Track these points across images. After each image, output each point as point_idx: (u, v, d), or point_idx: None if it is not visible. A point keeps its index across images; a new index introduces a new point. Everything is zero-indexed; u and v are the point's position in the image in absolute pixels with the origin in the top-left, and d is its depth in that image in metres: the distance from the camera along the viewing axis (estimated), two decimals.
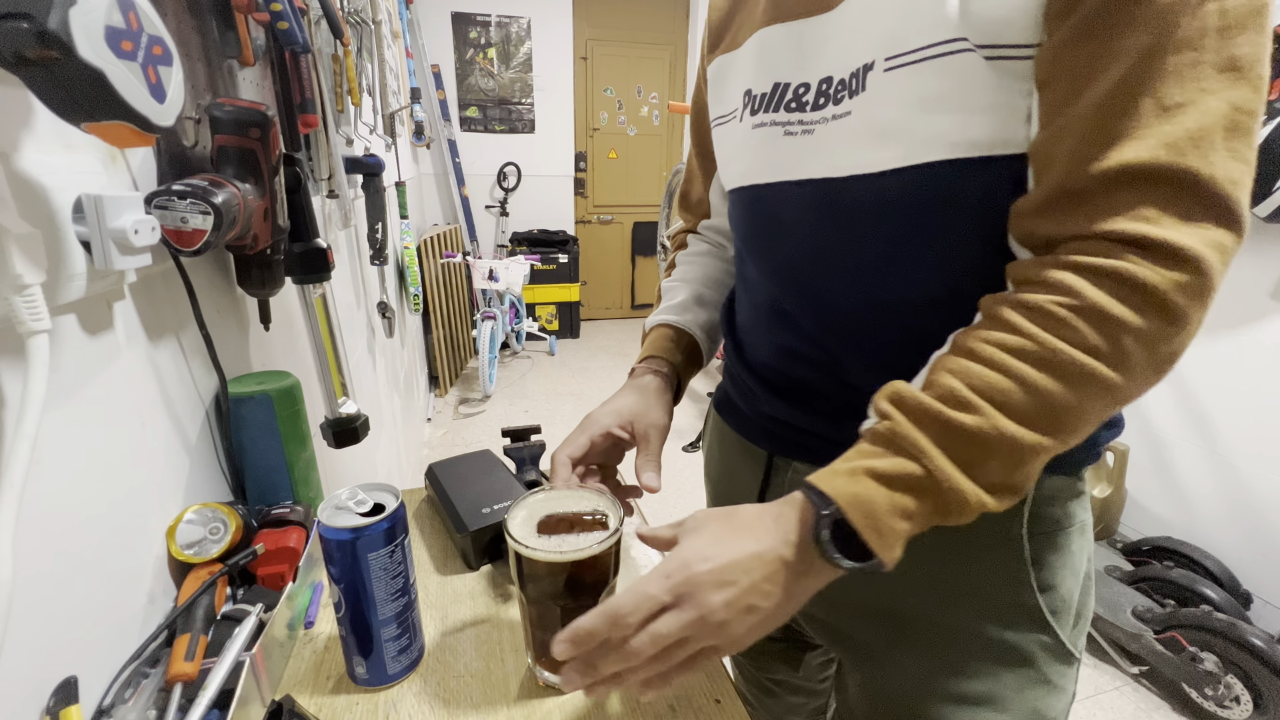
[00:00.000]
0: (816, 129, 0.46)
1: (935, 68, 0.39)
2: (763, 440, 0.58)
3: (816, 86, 0.46)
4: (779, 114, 0.48)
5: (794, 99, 0.47)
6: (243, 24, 0.72)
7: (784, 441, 0.55)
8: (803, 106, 0.47)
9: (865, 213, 0.44)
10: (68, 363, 0.40)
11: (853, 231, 0.45)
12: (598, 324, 4.73)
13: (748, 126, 0.51)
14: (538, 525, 0.46)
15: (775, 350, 0.54)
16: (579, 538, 0.44)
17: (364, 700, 0.47)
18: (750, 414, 0.59)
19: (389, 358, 1.88)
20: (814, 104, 0.46)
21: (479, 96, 4.07)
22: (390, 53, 2.20)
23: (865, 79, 0.42)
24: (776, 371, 0.54)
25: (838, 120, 0.44)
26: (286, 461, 0.62)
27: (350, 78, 1.31)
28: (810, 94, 0.46)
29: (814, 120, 0.46)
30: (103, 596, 0.42)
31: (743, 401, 0.60)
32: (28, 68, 0.30)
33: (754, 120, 0.50)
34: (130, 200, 0.43)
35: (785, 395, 0.54)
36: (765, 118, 0.49)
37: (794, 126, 0.47)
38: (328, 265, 0.68)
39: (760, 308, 0.55)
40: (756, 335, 0.56)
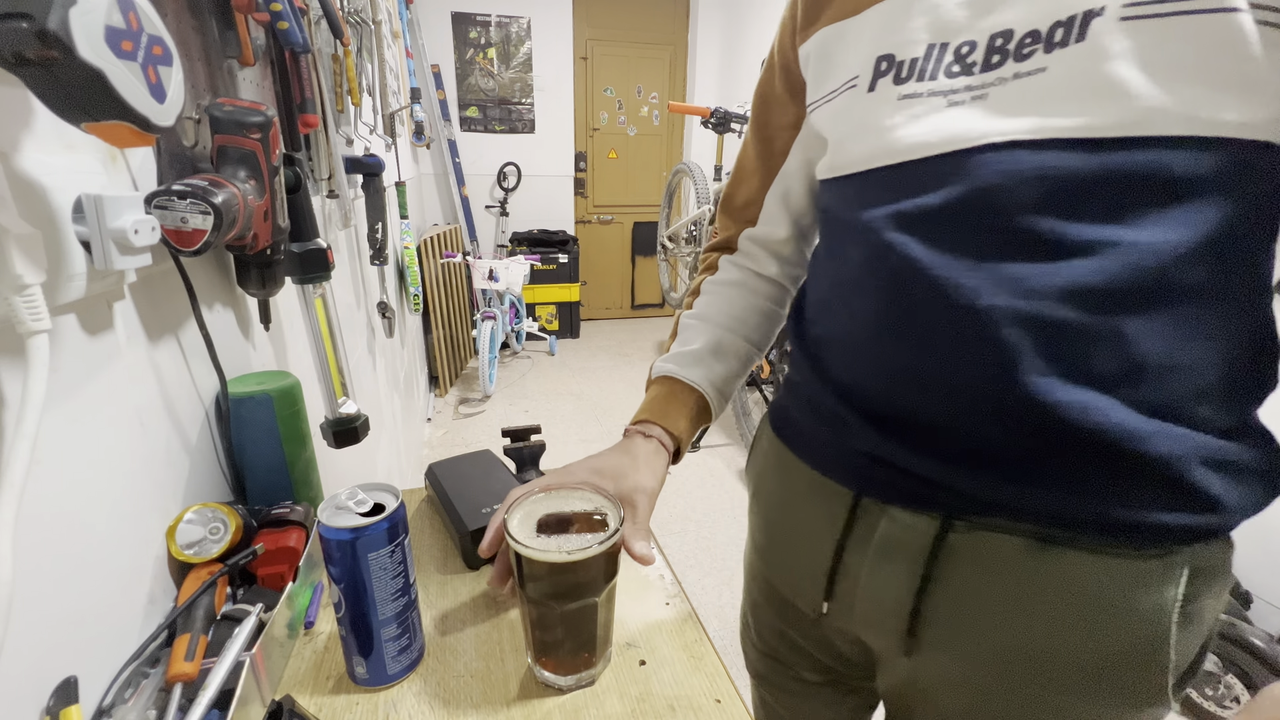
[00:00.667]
0: (991, 92, 0.39)
1: (1191, 26, 0.33)
2: (850, 478, 0.49)
3: (987, 43, 0.39)
4: (938, 81, 0.41)
5: (956, 61, 0.41)
6: (243, 24, 0.72)
7: (882, 484, 0.46)
8: (969, 69, 0.40)
9: (1072, 186, 0.36)
10: (68, 363, 0.40)
11: (1058, 205, 0.37)
12: (598, 324, 4.73)
13: (890, 97, 0.43)
14: (537, 524, 0.46)
15: (895, 376, 0.44)
16: (579, 538, 0.44)
17: (364, 700, 0.47)
18: (836, 447, 0.50)
19: (389, 358, 1.88)
20: (984, 64, 0.39)
21: (479, 96, 4.07)
22: (390, 53, 2.20)
23: (1085, 29, 0.35)
24: (891, 401, 0.45)
25: (1022, 79, 0.37)
26: (286, 461, 0.62)
27: (350, 78, 1.31)
28: (977, 52, 0.40)
29: (988, 82, 0.39)
30: (103, 596, 0.42)
31: (822, 429, 0.51)
32: (28, 68, 0.30)
33: (902, 90, 0.43)
34: (130, 200, 0.43)
35: (896, 431, 0.44)
36: (919, 87, 0.42)
37: (960, 94, 0.40)
38: (328, 265, 0.68)
39: (885, 321, 0.44)
40: (864, 356, 0.46)
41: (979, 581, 0.42)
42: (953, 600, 0.44)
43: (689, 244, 3.34)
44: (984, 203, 0.39)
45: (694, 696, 0.47)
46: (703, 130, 4.18)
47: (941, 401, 0.42)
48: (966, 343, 0.39)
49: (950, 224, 0.40)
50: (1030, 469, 0.40)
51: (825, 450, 0.51)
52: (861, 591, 0.48)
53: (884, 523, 0.46)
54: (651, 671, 0.50)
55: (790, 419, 0.56)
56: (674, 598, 0.58)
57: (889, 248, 0.42)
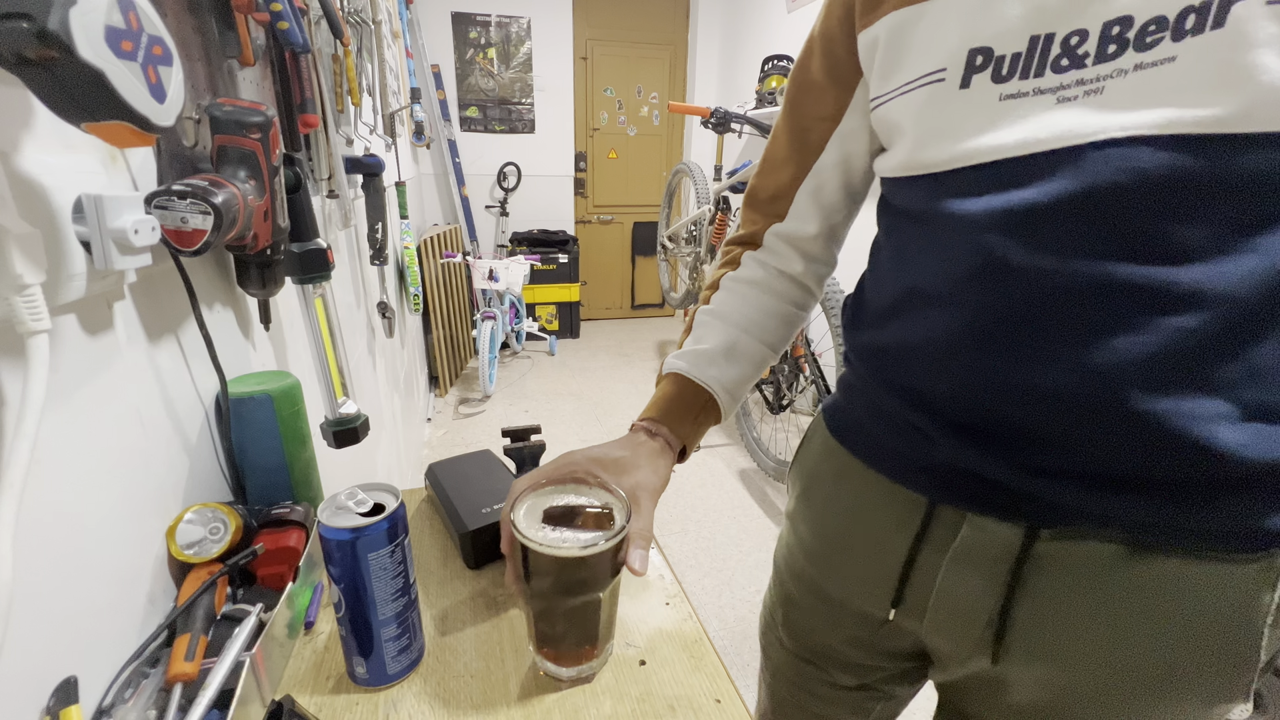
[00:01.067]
0: (1108, 85, 0.35)
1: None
2: (926, 486, 0.47)
3: (1100, 32, 0.35)
4: (1045, 78, 0.37)
5: (1065, 54, 0.37)
6: (243, 24, 0.72)
7: (962, 492, 0.45)
8: (1080, 61, 0.36)
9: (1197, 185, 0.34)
10: (68, 363, 0.40)
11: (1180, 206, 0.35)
12: (598, 324, 4.73)
13: (990, 98, 0.39)
14: (542, 515, 0.46)
15: (984, 384, 0.42)
16: (586, 534, 0.44)
17: (364, 700, 0.47)
18: (910, 455, 0.48)
19: (389, 358, 1.88)
20: (1099, 55, 0.36)
21: (479, 96, 4.07)
22: (390, 53, 2.20)
23: (1225, 13, 0.32)
24: (977, 408, 0.43)
25: (1148, 70, 0.34)
26: (286, 461, 0.62)
27: (350, 78, 1.31)
28: (1090, 42, 0.36)
29: (1104, 74, 0.35)
30: (103, 596, 0.42)
31: (897, 440, 0.49)
32: (28, 68, 0.30)
33: (1004, 89, 0.39)
34: (130, 200, 0.43)
35: (980, 440, 0.43)
36: (1024, 85, 0.38)
37: (1071, 89, 0.37)
38: (328, 265, 0.68)
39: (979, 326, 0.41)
40: (949, 362, 0.44)
41: (1069, 589, 0.42)
42: (1041, 608, 0.43)
43: (689, 244, 3.34)
44: (1100, 202, 0.36)
45: (694, 696, 0.47)
46: (703, 130, 4.19)
47: (1035, 410, 0.40)
48: (1067, 349, 0.38)
49: (1059, 224, 0.37)
50: (1127, 478, 0.38)
51: (897, 458, 0.49)
52: (937, 598, 0.47)
53: (965, 530, 0.45)
54: (651, 671, 0.50)
55: (854, 423, 0.54)
56: (674, 598, 0.58)
57: (985, 249, 0.40)
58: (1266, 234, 0.33)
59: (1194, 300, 0.34)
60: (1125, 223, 0.36)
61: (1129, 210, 0.35)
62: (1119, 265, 0.36)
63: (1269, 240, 0.33)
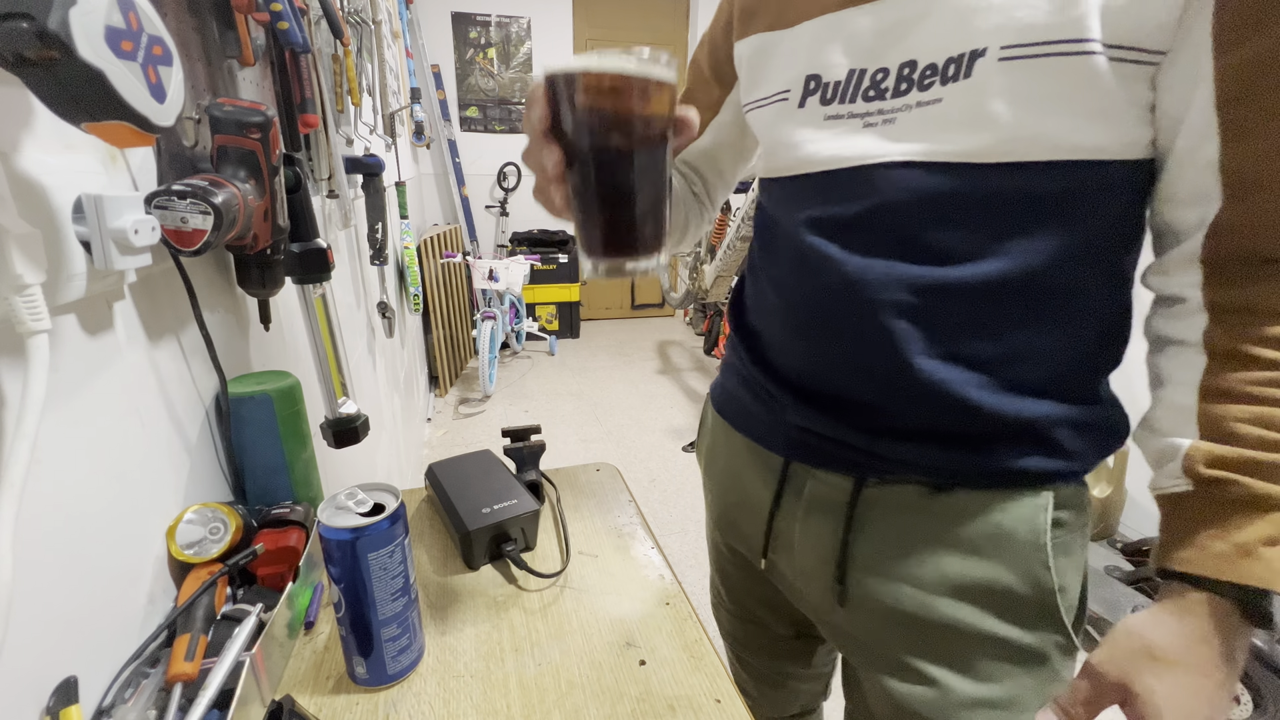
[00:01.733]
0: (899, 117, 0.44)
1: (1057, 66, 0.38)
2: (782, 448, 0.56)
3: (897, 71, 0.44)
4: (856, 104, 0.46)
5: (872, 86, 0.45)
6: (243, 24, 0.72)
7: (808, 450, 0.54)
8: (882, 94, 0.45)
9: (957, 203, 0.43)
10: (68, 363, 0.40)
11: (946, 219, 0.43)
12: (598, 324, 4.73)
13: (817, 116, 0.48)
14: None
15: (816, 358, 0.51)
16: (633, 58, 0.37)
17: (364, 700, 0.47)
18: (769, 421, 0.57)
19: (389, 358, 1.88)
20: (894, 90, 0.44)
21: (479, 96, 4.07)
22: (390, 53, 2.20)
23: (972, 66, 0.40)
24: (814, 380, 0.52)
25: (924, 108, 0.43)
26: (286, 461, 0.61)
27: (350, 78, 1.31)
28: (890, 79, 0.44)
29: (895, 108, 0.44)
30: (103, 596, 0.42)
31: (759, 409, 0.58)
32: (28, 68, 0.30)
33: (827, 111, 0.48)
34: (130, 200, 0.43)
35: (818, 406, 0.52)
36: (841, 109, 0.47)
37: (874, 117, 0.45)
38: (328, 265, 0.68)
39: (809, 311, 0.51)
40: (792, 341, 0.53)
41: (891, 524, 0.51)
42: (872, 541, 0.52)
43: None
44: (888, 213, 0.45)
45: (694, 696, 0.47)
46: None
47: (853, 380, 0.49)
48: (870, 331, 0.47)
49: (860, 230, 0.47)
50: (924, 432, 0.48)
51: (760, 423, 0.59)
52: (797, 543, 0.56)
53: (810, 483, 0.54)
54: (651, 671, 0.50)
55: (730, 397, 0.64)
56: (674, 598, 0.58)
57: (811, 248, 0.49)
58: (1011, 241, 0.42)
59: (957, 294, 0.44)
60: (905, 230, 0.45)
61: (908, 220, 0.44)
62: (904, 265, 0.45)
63: (1014, 245, 0.42)
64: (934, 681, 0.50)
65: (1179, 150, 0.40)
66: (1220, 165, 0.38)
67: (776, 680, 0.76)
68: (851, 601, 0.54)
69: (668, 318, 4.95)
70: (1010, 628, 0.48)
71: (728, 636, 0.78)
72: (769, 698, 0.78)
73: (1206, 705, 0.39)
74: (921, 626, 0.50)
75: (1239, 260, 0.40)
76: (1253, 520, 0.38)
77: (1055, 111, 0.39)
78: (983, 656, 0.49)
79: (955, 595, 0.49)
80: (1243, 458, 0.38)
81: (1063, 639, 0.49)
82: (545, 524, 0.71)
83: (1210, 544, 0.39)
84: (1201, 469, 0.40)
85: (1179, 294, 0.43)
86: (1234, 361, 0.40)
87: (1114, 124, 0.40)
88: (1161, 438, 0.43)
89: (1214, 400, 0.40)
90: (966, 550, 0.48)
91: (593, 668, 0.50)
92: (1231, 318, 0.40)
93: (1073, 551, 0.49)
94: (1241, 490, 0.38)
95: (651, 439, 2.78)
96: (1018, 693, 0.49)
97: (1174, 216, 0.43)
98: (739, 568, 0.69)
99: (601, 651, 0.52)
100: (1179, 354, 0.43)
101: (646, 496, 2.32)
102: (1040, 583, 0.47)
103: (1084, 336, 0.45)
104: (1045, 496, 0.47)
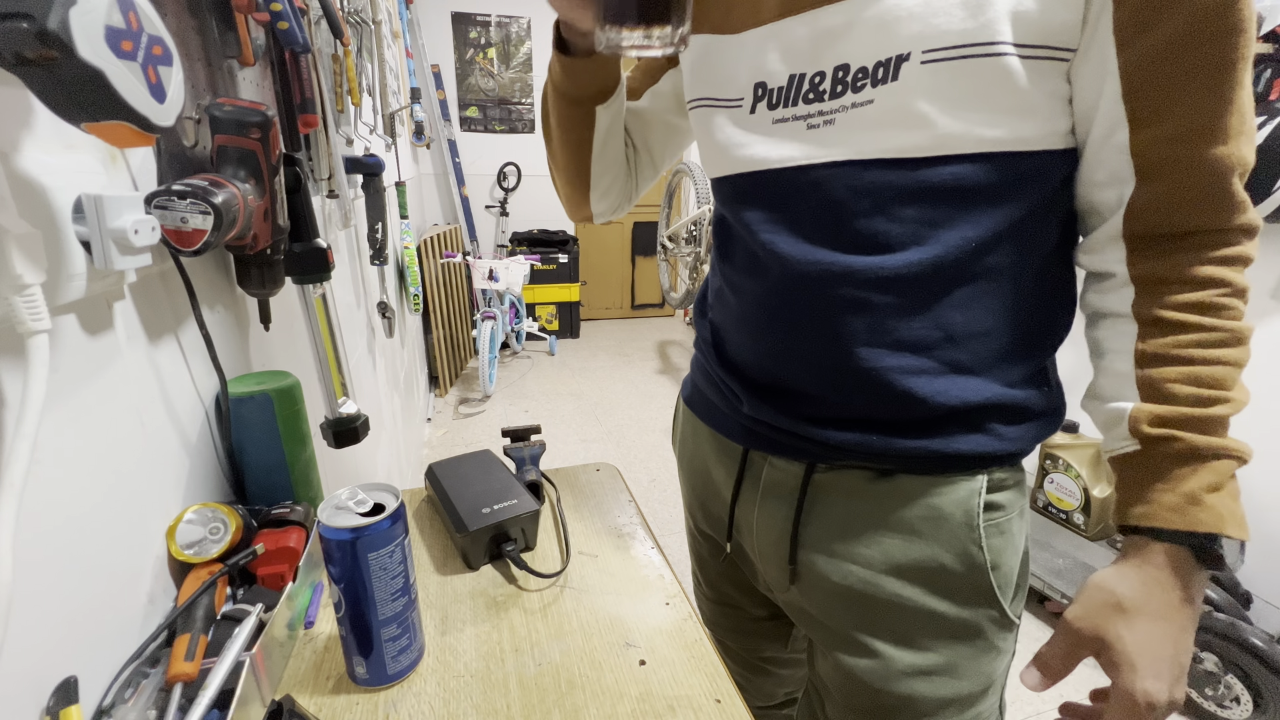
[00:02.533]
0: (837, 118, 0.47)
1: (974, 67, 0.41)
2: (740, 437, 0.60)
3: (832, 74, 0.46)
4: (798, 107, 0.49)
5: (810, 89, 0.48)
6: (243, 24, 0.72)
7: (763, 439, 0.57)
8: (820, 96, 0.47)
9: (893, 196, 0.46)
10: (68, 363, 0.40)
11: (882, 211, 0.46)
12: (598, 324, 4.73)
13: (766, 121, 0.51)
14: None
15: (767, 352, 0.54)
16: None
17: (364, 700, 0.47)
18: (728, 413, 0.61)
19: (389, 358, 1.88)
20: (831, 92, 0.47)
21: (479, 96, 4.07)
22: (390, 53, 2.20)
23: (898, 70, 0.43)
24: (766, 373, 0.55)
25: (859, 109, 0.45)
26: (286, 461, 0.61)
27: (350, 78, 1.31)
28: (826, 82, 0.47)
29: (833, 109, 0.47)
30: (103, 596, 0.42)
31: (720, 401, 0.62)
32: (28, 68, 0.30)
33: (774, 115, 0.50)
34: (130, 200, 0.43)
35: (770, 398, 0.55)
36: (786, 112, 0.50)
37: (815, 119, 0.48)
38: (328, 265, 0.68)
39: (759, 307, 0.54)
40: (745, 337, 0.56)
41: (838, 507, 0.54)
42: (821, 523, 0.55)
43: (689, 244, 3.34)
44: (831, 207, 0.48)
45: (694, 696, 0.47)
46: None
47: (800, 372, 0.52)
48: (814, 323, 0.50)
49: (806, 224, 0.49)
50: (865, 420, 0.50)
51: (721, 415, 0.62)
52: (756, 526, 0.60)
53: (766, 470, 0.58)
54: (651, 671, 0.50)
55: (696, 391, 0.67)
56: (674, 598, 0.58)
57: (761, 245, 0.52)
58: (946, 229, 0.45)
59: (895, 282, 0.46)
60: (848, 223, 0.47)
61: (850, 214, 0.47)
62: (846, 256, 0.47)
63: (947, 234, 0.45)
64: (877, 654, 0.53)
65: (1094, 137, 0.44)
66: (1130, 149, 0.42)
67: (758, 665, 0.78)
68: (803, 580, 0.57)
69: (668, 318, 4.95)
70: (946, 604, 0.51)
71: (709, 623, 0.80)
72: (754, 684, 0.80)
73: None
74: (867, 603, 0.53)
75: (1153, 236, 0.43)
76: (1196, 471, 0.41)
77: (977, 108, 0.42)
78: (922, 630, 0.52)
79: (897, 574, 0.52)
80: (1181, 414, 0.42)
81: (996, 613, 0.52)
82: (545, 524, 0.71)
83: (1161, 497, 0.42)
84: (1145, 428, 0.43)
85: (1107, 269, 0.47)
86: (1160, 328, 0.43)
87: (1034, 117, 0.43)
88: (1106, 403, 0.47)
89: (1148, 365, 0.44)
90: (907, 532, 0.51)
91: (593, 668, 0.50)
92: (1153, 288, 0.44)
93: (1008, 530, 0.52)
94: (1183, 445, 0.42)
95: (651, 439, 2.78)
96: (954, 660, 0.52)
97: (1096, 198, 0.46)
98: (711, 553, 0.72)
99: (601, 651, 0.52)
100: (1113, 325, 0.47)
101: (646, 496, 2.32)
102: (974, 561, 0.50)
103: (1020, 318, 0.48)
104: (979, 480, 0.50)
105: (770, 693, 0.81)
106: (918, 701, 0.53)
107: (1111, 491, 1.76)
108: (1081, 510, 1.80)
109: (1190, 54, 0.39)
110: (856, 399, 0.50)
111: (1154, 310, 0.44)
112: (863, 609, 0.54)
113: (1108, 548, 1.70)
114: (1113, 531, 1.79)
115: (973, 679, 0.53)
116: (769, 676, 0.79)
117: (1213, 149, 0.40)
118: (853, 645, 0.55)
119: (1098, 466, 1.78)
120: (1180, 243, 0.43)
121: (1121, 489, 0.46)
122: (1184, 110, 0.40)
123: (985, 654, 0.53)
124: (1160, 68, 0.39)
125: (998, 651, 0.53)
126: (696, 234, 3.23)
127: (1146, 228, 0.43)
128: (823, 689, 0.61)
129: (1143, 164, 0.42)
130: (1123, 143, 0.42)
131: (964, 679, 0.53)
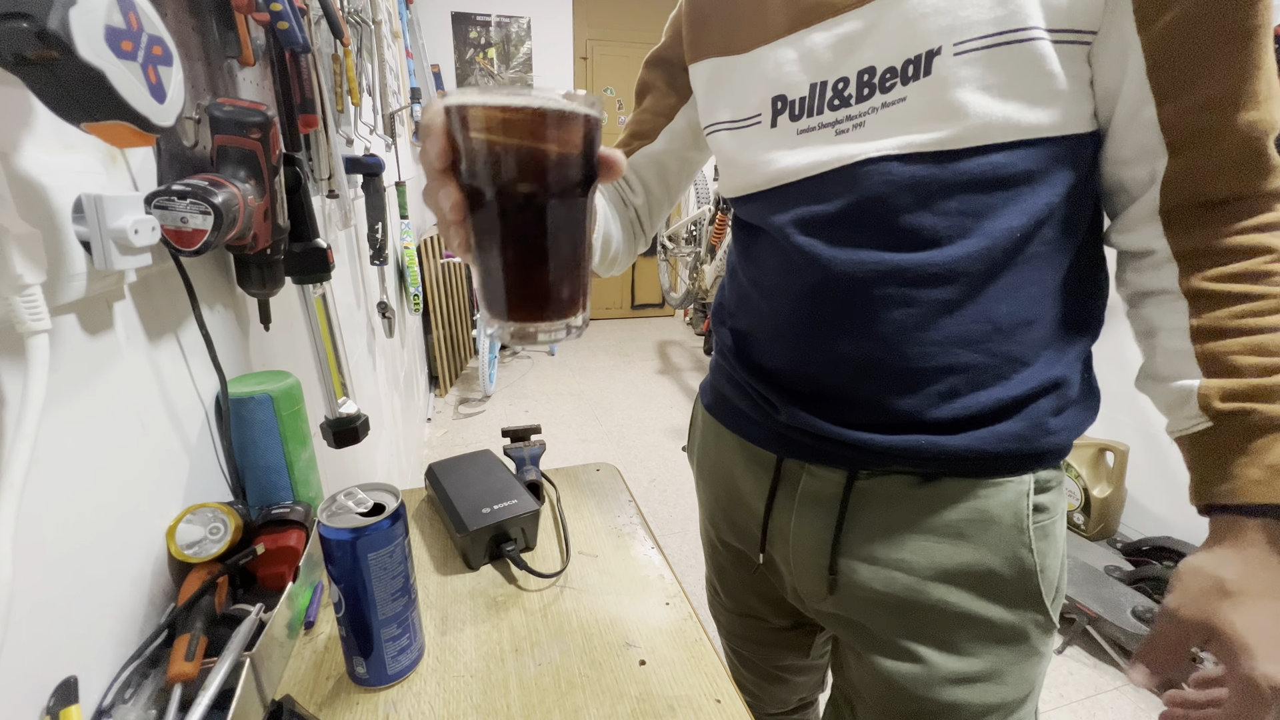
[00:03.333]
0: (868, 120, 0.47)
1: (1007, 54, 0.41)
2: (774, 445, 0.58)
3: (856, 78, 0.47)
4: (824, 115, 0.49)
5: (835, 95, 0.48)
6: (243, 24, 0.72)
7: (800, 447, 0.55)
8: (846, 101, 0.48)
9: (936, 189, 0.45)
10: (68, 363, 0.40)
11: (926, 206, 0.46)
12: (598, 324, 4.73)
13: (790, 133, 0.51)
14: None
15: (806, 357, 0.53)
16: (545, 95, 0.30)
17: (364, 700, 0.47)
18: (760, 420, 0.59)
19: (389, 358, 1.88)
20: (858, 96, 0.47)
21: None
22: (390, 53, 2.20)
23: (930, 64, 0.43)
24: (804, 379, 0.53)
25: (890, 108, 0.46)
26: (286, 461, 0.61)
27: (350, 78, 1.31)
28: (851, 87, 0.47)
29: (862, 112, 0.47)
30: (103, 596, 0.42)
31: (750, 409, 0.60)
32: (28, 68, 0.30)
33: (798, 125, 0.50)
34: (130, 200, 0.43)
35: (809, 404, 0.53)
36: (811, 122, 0.50)
37: (844, 124, 0.48)
38: (328, 265, 0.68)
39: (796, 312, 0.52)
40: (779, 343, 0.55)
41: (881, 513, 0.52)
42: (864, 531, 0.53)
43: (689, 244, 3.34)
44: (870, 206, 0.47)
45: (694, 696, 0.47)
46: None
47: (844, 376, 0.50)
48: (859, 324, 0.48)
49: (845, 225, 0.48)
50: (914, 421, 0.49)
51: (751, 423, 0.60)
52: (792, 536, 0.58)
53: (804, 478, 0.56)
54: (651, 671, 0.50)
55: (719, 397, 0.65)
56: (674, 598, 0.58)
57: (796, 248, 0.51)
58: (988, 220, 0.45)
59: (944, 277, 0.46)
60: (889, 220, 0.46)
61: (890, 211, 0.46)
62: (890, 254, 0.46)
63: (991, 225, 0.45)
64: (921, 659, 0.52)
65: (1120, 116, 0.44)
66: (1160, 123, 0.42)
67: (775, 674, 0.77)
68: (843, 589, 0.55)
69: (668, 318, 4.95)
70: (994, 608, 0.50)
71: (726, 634, 0.79)
72: (769, 693, 0.79)
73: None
74: (911, 609, 0.52)
75: (1191, 207, 0.43)
76: (1275, 441, 0.40)
77: (1013, 95, 0.42)
78: (967, 635, 0.51)
79: (943, 580, 0.51)
80: (1250, 386, 0.41)
81: (1042, 617, 0.51)
82: (545, 524, 0.71)
83: (1244, 472, 0.41)
84: (1217, 404, 0.42)
85: (1145, 247, 0.46)
86: (1212, 301, 0.43)
87: (1064, 101, 0.43)
88: (1168, 383, 0.46)
89: (1206, 339, 0.43)
90: (954, 536, 0.50)
91: (593, 668, 0.50)
92: (1196, 260, 0.44)
93: (1052, 533, 0.51)
94: (1259, 417, 0.41)
95: (651, 439, 2.78)
96: (999, 665, 0.51)
97: (1125, 175, 0.46)
98: (735, 564, 0.70)
99: (601, 651, 0.52)
100: (1161, 302, 0.46)
101: (646, 496, 2.32)
102: (1023, 565, 0.50)
103: (1062, 304, 0.48)
104: (1026, 481, 0.49)
105: (784, 700, 0.80)
106: (961, 709, 0.51)
107: (1111, 491, 1.77)
108: (1082, 510, 1.80)
109: (1211, 23, 0.39)
110: (904, 400, 0.49)
111: (1202, 283, 0.43)
112: (907, 616, 0.52)
113: (1108, 547, 1.70)
114: (1111, 532, 1.79)
115: (1016, 685, 0.52)
116: (785, 684, 0.78)
117: (1244, 114, 0.40)
118: (894, 649, 0.53)
119: (1098, 466, 1.78)
120: (1218, 212, 0.42)
121: (1198, 468, 0.44)
122: (1211, 79, 0.40)
123: (1028, 659, 0.52)
124: (1183, 40, 0.40)
125: (1040, 656, 0.52)
126: (696, 234, 3.23)
127: (1183, 199, 0.43)
128: (854, 696, 0.60)
129: (1174, 137, 0.42)
130: (1150, 118, 0.42)
131: (1008, 684, 0.51)
